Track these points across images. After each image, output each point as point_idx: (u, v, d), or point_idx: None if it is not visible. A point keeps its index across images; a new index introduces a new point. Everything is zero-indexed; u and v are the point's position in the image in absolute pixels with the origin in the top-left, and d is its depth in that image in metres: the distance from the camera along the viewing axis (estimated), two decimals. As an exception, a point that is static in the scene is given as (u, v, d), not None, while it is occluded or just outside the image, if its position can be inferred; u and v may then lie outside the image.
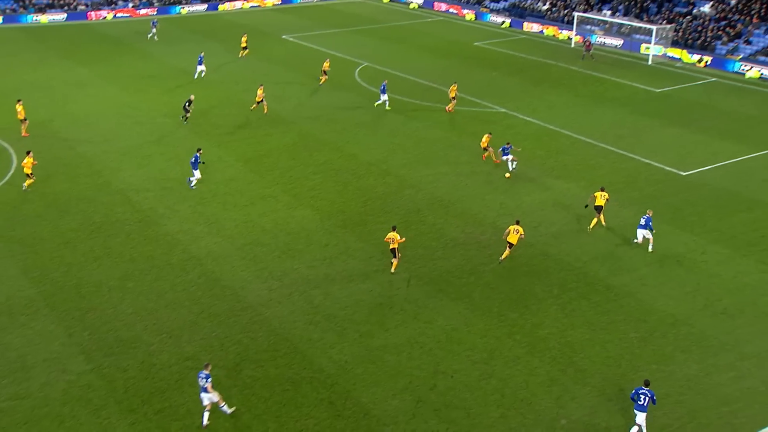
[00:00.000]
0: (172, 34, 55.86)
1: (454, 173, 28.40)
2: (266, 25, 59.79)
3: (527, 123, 34.76)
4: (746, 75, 43.43)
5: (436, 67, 45.08)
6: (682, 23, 50.33)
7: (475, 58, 48.18)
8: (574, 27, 53.40)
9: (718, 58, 46.08)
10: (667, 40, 48.50)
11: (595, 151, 31.00)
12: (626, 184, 27.44)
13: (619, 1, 56.18)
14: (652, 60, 47.62)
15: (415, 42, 52.40)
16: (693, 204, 25.81)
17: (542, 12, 60.36)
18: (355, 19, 63.31)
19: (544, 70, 45.14)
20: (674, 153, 30.70)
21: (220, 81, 42.23)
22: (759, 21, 47.44)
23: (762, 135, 32.98)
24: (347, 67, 45.21)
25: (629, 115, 36.06)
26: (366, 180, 27.90)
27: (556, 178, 28.10)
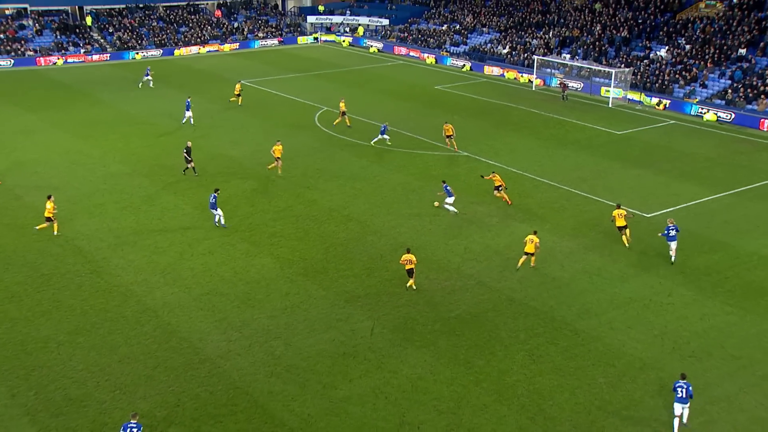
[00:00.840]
0: (126, 79, 55.96)
1: (416, 218, 28.77)
2: (224, 70, 60.35)
3: (489, 166, 35.53)
4: (704, 118, 45.29)
5: (397, 111, 45.91)
6: (640, 67, 52.48)
7: (436, 101, 49.27)
8: (535, 70, 55.16)
9: (676, 101, 48.01)
10: (626, 83, 50.42)
11: (559, 194, 31.78)
12: (591, 227, 28.13)
13: (578, 45, 58.45)
14: (612, 103, 49.35)
15: (375, 86, 53.42)
16: (657, 246, 26.54)
17: (502, 55, 62.31)
18: (314, 63, 64.37)
19: (506, 113, 46.37)
20: (637, 195, 31.64)
21: (177, 127, 42.31)
22: (713, 65, 49.76)
23: (720, 177, 34.25)
24: (307, 112, 45.79)
25: (591, 157, 37.16)
26: (327, 226, 28.05)
27: (521, 222, 28.67)
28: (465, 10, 73.61)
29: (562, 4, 66.58)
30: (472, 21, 70.42)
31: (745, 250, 26.15)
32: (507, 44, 63.27)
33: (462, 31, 69.07)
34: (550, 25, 63.52)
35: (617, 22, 59.06)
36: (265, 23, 78.32)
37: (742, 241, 26.91)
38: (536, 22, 64.81)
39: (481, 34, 67.98)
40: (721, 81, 48.71)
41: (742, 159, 37.13)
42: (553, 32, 61.92)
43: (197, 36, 72.16)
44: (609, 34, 58.07)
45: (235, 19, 78.33)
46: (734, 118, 44.27)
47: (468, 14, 72.64)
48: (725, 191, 32.21)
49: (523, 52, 60.65)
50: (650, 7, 59.05)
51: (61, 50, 64.74)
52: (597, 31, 59.01)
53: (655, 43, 55.28)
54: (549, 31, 62.47)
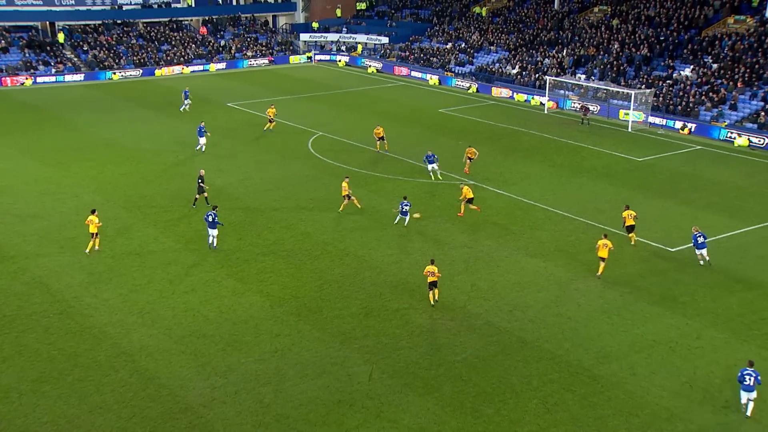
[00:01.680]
0: (102, 102, 56.65)
1: (419, 253, 28.95)
2: (210, 92, 61.15)
3: (498, 196, 35.81)
4: (734, 143, 45.78)
5: (398, 136, 46.43)
6: (662, 87, 53.20)
7: (440, 125, 49.83)
8: (547, 92, 55.89)
9: (703, 125, 48.59)
10: (647, 105, 51.09)
11: (574, 226, 32.04)
12: (609, 262, 28.32)
13: (594, 65, 59.30)
14: (632, 127, 49.94)
15: (374, 109, 54.10)
16: (684, 283, 26.68)
17: (512, 76, 63.16)
18: (307, 84, 65.22)
19: (516, 138, 46.88)
20: (660, 227, 31.90)
21: (157, 152, 42.75)
22: (743, 86, 50.45)
23: (753, 207, 34.53)
24: (299, 137, 46.30)
25: (609, 186, 37.51)
26: (321, 261, 28.23)
27: (532, 256, 28.88)
28: (471, 28, 74.81)
29: (577, 21, 67.72)
30: (479, 39, 71.53)
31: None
32: (517, 64, 64.18)
33: (468, 49, 70.12)
34: (563, 43, 64.53)
35: (637, 40, 60.01)
36: (255, 41, 79.53)
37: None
38: (548, 39, 65.84)
39: (488, 53, 68.99)
40: (753, 103, 49.34)
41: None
42: (567, 51, 62.88)
43: (180, 55, 73.21)
44: (628, 52, 58.97)
45: (222, 37, 79.56)
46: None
47: (474, 32, 73.79)
48: (759, 223, 32.45)
49: (535, 73, 61.51)
50: (673, 23, 60.06)
51: (30, 69, 65.56)
52: (615, 49, 59.93)
53: (678, 62, 56.11)
54: (562, 50, 63.45)
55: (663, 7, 63.11)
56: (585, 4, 70.36)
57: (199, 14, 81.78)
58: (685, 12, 60.74)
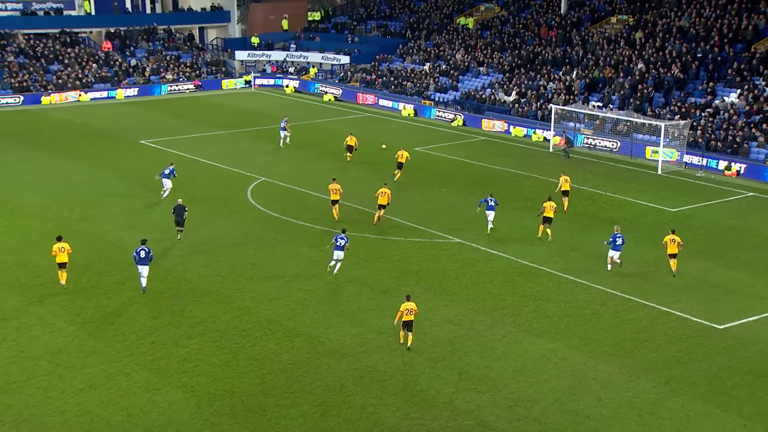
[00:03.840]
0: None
1: (391, 332, 28.94)
2: (116, 125, 61.32)
3: (491, 257, 36.04)
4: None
5: (363, 182, 46.80)
6: (700, 118, 54.48)
7: (417, 168, 50.27)
8: (552, 124, 56.94)
9: (755, 165, 49.72)
10: (681, 141, 52.25)
11: (590, 296, 32.30)
12: (637, 343, 28.50)
13: (612, 90, 60.68)
14: (662, 168, 50.92)
15: (331, 147, 54.54)
16: (737, 371, 26.78)
17: (507, 105, 64.35)
18: (245, 116, 65.76)
19: (514, 183, 47.43)
20: (703, 298, 32.22)
21: (44, 204, 42.50)
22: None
23: (821, 270, 35.08)
24: (236, 184, 46.41)
25: (635, 244, 37.85)
26: (265, 344, 28.09)
27: (537, 335, 29.01)
28: (455, 44, 76.42)
29: (589, 34, 69.53)
30: (465, 58, 73.02)
31: None
32: (513, 89, 65.49)
33: (451, 72, 71.50)
34: (572, 63, 66.09)
35: (667, 58, 61.67)
36: (176, 61, 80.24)
37: None
38: (553, 58, 67.40)
39: (477, 75, 70.44)
40: (818, 138, 50.75)
41: None
42: (577, 72, 64.37)
43: (76, 77, 73.43)
44: (656, 73, 60.53)
45: (133, 55, 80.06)
46: (838, 189, 45.89)
47: (459, 49, 75.38)
48: (831, 292, 32.98)
49: (536, 100, 62.73)
50: (713, 36, 61.84)
51: None
52: (639, 69, 61.49)
53: (721, 85, 57.66)
54: (571, 71, 64.94)
55: (700, 16, 65.04)
56: (599, 14, 72.33)
57: (101, 25, 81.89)
58: (729, 22, 62.63)
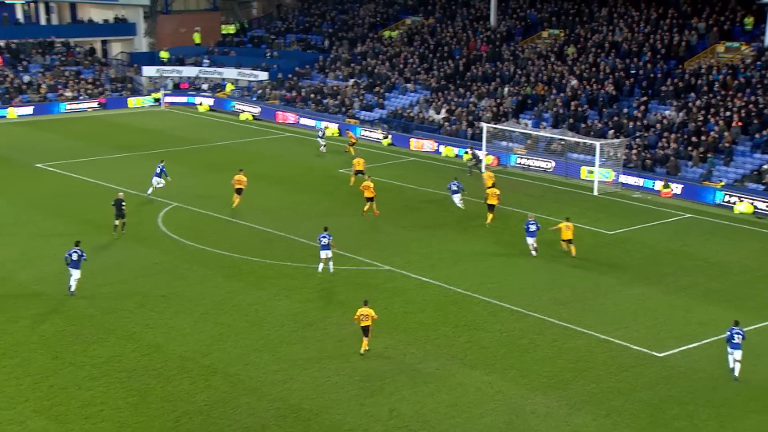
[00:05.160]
0: None
1: (316, 366, 28.85)
2: (9, 147, 60.06)
3: (423, 285, 36.18)
4: (734, 209, 48.01)
5: (284, 207, 46.72)
6: (635, 136, 55.65)
7: (344, 191, 50.35)
8: (484, 144, 57.50)
9: (692, 185, 50.80)
10: (617, 160, 53.25)
11: (526, 325, 32.58)
12: (576, 373, 28.79)
13: (544, 107, 61.63)
14: (598, 189, 51.78)
15: (249, 171, 54.13)
16: (678, 402, 27.20)
17: (437, 123, 64.85)
18: (154, 137, 65.02)
19: (445, 206, 47.62)
20: (642, 325, 32.74)
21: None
22: (740, 133, 53.20)
23: (766, 297, 35.80)
24: (146, 210, 45.81)
25: (572, 269, 38.44)
26: (178, 384, 27.73)
27: (471, 367, 29.12)
28: (380, 58, 76.83)
29: (520, 49, 70.65)
30: (391, 73, 73.46)
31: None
32: (443, 107, 66.06)
33: (377, 88, 71.83)
34: (503, 79, 67.01)
35: (600, 74, 62.96)
36: (76, 77, 79.11)
37: (807, 393, 28.02)
38: (483, 74, 68.25)
39: (404, 92, 70.88)
40: (756, 156, 52.09)
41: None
42: (509, 89, 65.27)
43: (-37, 95, 71.78)
44: (589, 90, 61.73)
45: (26, 70, 78.71)
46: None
47: (384, 62, 75.79)
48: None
49: (467, 118, 63.39)
50: (646, 52, 63.43)
51: None
52: (572, 86, 62.65)
53: (656, 102, 59.05)
54: (502, 88, 65.80)
55: (632, 31, 66.66)
56: (530, 23, 73.50)
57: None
58: (662, 37, 64.33)
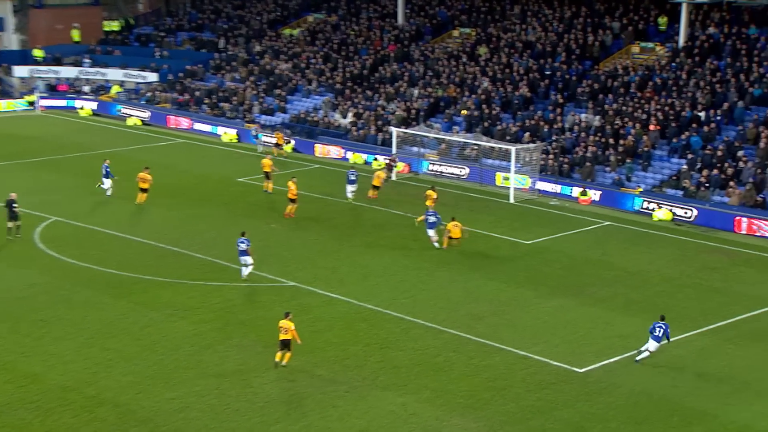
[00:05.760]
0: None
1: (215, 392, 28.51)
2: None
3: (331, 302, 36.08)
4: (653, 216, 49.01)
5: (177, 221, 46.21)
6: (551, 140, 56.50)
7: (242, 202, 50.05)
8: (394, 149, 57.70)
9: (610, 192, 51.74)
10: (533, 166, 53.94)
11: (442, 341, 32.70)
12: (494, 392, 28.93)
13: (456, 110, 62.03)
14: (514, 196, 52.32)
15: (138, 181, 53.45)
16: (600, 419, 27.54)
17: (343, 128, 64.83)
18: (29, 144, 63.66)
19: (355, 216, 47.81)
20: (562, 339, 33.14)
21: None
22: (658, 137, 54.46)
23: (686, 307, 36.44)
24: (21, 226, 44.78)
25: (488, 281, 38.74)
26: (59, 418, 27.10)
27: (383, 389, 29.09)
28: (280, 57, 76.54)
29: (430, 48, 71.16)
30: (293, 73, 73.25)
31: (734, 423, 27.64)
32: (349, 111, 66.10)
33: (278, 90, 71.53)
34: (413, 81, 67.39)
35: (514, 75, 63.79)
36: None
37: (727, 408, 28.50)
38: (391, 76, 68.52)
39: (307, 94, 70.74)
40: (673, 161, 53.40)
41: (715, 279, 40.10)
42: (419, 91, 65.67)
43: None
44: (503, 92, 62.48)
45: None
46: (697, 215, 48.18)
47: (286, 60, 75.50)
48: (694, 329, 34.39)
49: (375, 122, 63.52)
50: (561, 52, 64.52)
51: None
52: (484, 88, 63.32)
53: (572, 105, 60.05)
54: (411, 90, 66.15)
55: (546, 30, 67.75)
56: (441, 26, 74.13)
57: None
58: (576, 37, 65.51)
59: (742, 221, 46.75)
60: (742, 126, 53.06)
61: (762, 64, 56.64)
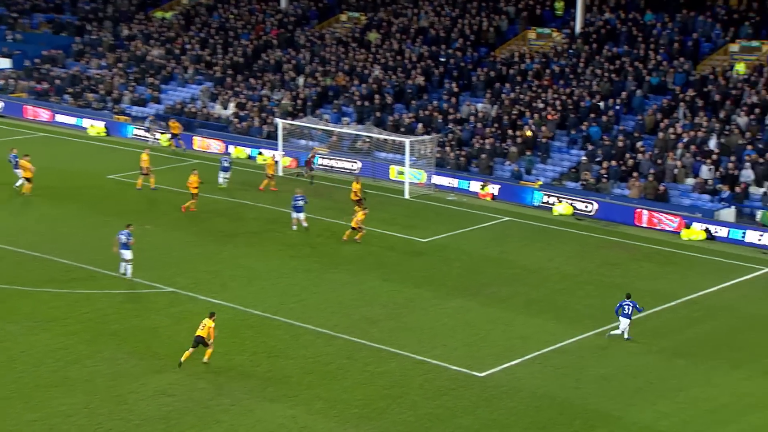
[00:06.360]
0: None
1: (83, 412, 27.90)
2: None
3: (212, 306, 35.47)
4: (554, 210, 49.88)
5: (41, 222, 45.36)
6: (447, 131, 56.90)
7: (112, 200, 49.38)
8: (280, 143, 57.37)
9: (509, 186, 52.39)
10: (429, 159, 54.24)
11: (335, 348, 32.72)
12: (391, 401, 28.96)
13: (346, 100, 61.99)
14: (409, 192, 52.58)
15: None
16: (501, 425, 27.86)
17: (224, 120, 64.23)
18: None
19: (238, 216, 47.49)
20: (461, 342, 33.41)
21: None
22: (554, 122, 55.35)
23: (587, 305, 37.27)
24: None
25: (383, 282, 38.86)
26: None
27: (272, 401, 28.98)
28: (151, 42, 75.31)
29: (316, 34, 70.87)
30: (166, 60, 72.22)
31: (637, 424, 28.26)
32: (230, 101, 65.53)
33: (150, 79, 70.44)
34: (299, 69, 67.14)
35: (407, 63, 64.06)
36: None
37: (630, 409, 29.14)
38: (275, 63, 68.15)
39: (184, 83, 69.88)
40: (573, 152, 54.36)
41: (616, 275, 40.97)
42: (305, 80, 65.45)
43: None
44: (395, 80, 62.68)
45: None
46: (598, 209, 49.22)
47: (158, 45, 74.38)
48: (596, 328, 34.99)
49: (260, 114, 63.11)
50: (455, 38, 65.02)
51: None
52: (376, 76, 63.45)
53: (468, 94, 60.61)
54: (297, 79, 65.90)
55: (439, 15, 68.17)
56: (327, 10, 73.97)
57: None
58: (471, 22, 66.10)
59: (643, 214, 47.91)
60: (641, 116, 54.33)
61: (659, 51, 58.08)
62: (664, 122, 52.47)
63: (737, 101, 52.74)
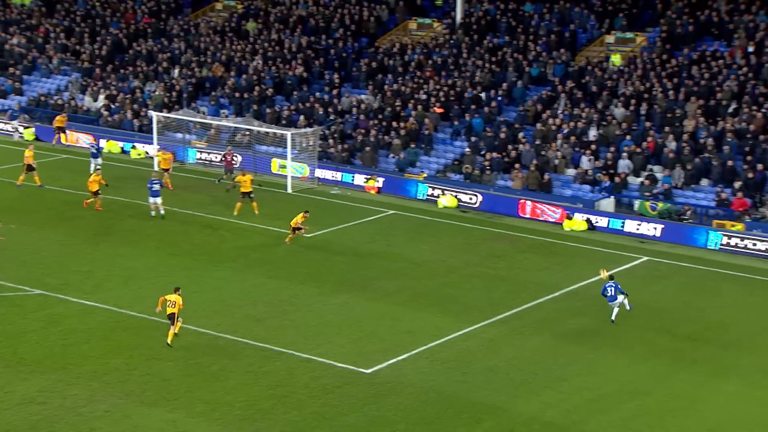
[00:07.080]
0: None
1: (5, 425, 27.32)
2: None
3: (86, 311, 35.32)
4: (439, 203, 50.40)
5: None
6: (329, 124, 56.85)
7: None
8: (155, 136, 56.59)
9: (394, 179, 52.74)
10: (311, 152, 54.19)
11: (217, 349, 32.57)
12: (275, 401, 28.94)
13: (223, 92, 61.49)
14: (292, 186, 52.58)
15: None
16: (388, 422, 28.05)
17: (94, 113, 63.10)
18: None
19: (113, 213, 46.82)
20: (347, 338, 33.58)
21: None
22: (437, 114, 55.77)
23: (473, 297, 37.80)
24: None
25: (267, 280, 38.81)
26: None
27: (150, 405, 28.64)
28: (10, 29, 73.19)
29: (190, 23, 70.13)
30: (28, 49, 70.39)
31: (522, 415, 28.81)
32: (100, 93, 64.41)
33: (11, 69, 68.74)
34: (173, 60, 66.31)
35: (286, 53, 63.83)
36: None
37: (516, 400, 29.70)
38: (148, 53, 67.17)
39: (48, 74, 68.41)
40: (456, 144, 54.93)
41: (501, 267, 41.69)
42: (180, 71, 64.67)
43: None
44: (274, 71, 62.41)
45: None
46: (482, 201, 49.93)
47: (17, 33, 72.39)
48: (483, 321, 35.56)
49: (132, 107, 62.18)
50: (335, 28, 65.05)
51: None
52: (255, 66, 63.07)
53: (350, 85, 60.68)
54: (172, 70, 65.10)
55: (318, 4, 68.13)
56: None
57: None
58: (351, 12, 66.20)
59: (526, 205, 48.68)
60: (523, 107, 55.13)
61: (538, 42, 59.03)
62: (546, 113, 53.28)
63: (614, 92, 53.87)
